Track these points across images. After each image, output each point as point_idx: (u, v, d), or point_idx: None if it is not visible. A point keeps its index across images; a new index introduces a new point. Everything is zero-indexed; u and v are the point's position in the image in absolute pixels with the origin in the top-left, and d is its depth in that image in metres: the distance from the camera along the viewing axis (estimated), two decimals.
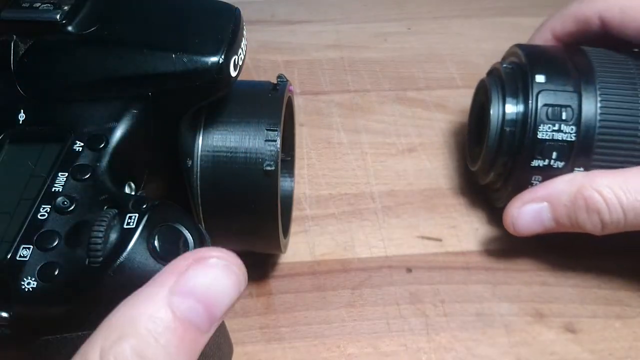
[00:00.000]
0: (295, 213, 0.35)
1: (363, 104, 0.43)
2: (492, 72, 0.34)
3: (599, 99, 0.29)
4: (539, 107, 0.30)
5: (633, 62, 0.31)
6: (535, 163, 0.30)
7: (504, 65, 0.33)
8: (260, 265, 0.33)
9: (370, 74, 0.45)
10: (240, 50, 0.26)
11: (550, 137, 0.29)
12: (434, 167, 0.38)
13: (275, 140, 0.26)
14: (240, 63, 0.26)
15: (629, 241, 0.33)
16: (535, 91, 0.30)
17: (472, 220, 0.35)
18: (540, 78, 0.30)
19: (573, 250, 0.34)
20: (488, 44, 0.46)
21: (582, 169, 0.30)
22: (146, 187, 0.25)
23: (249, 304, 0.31)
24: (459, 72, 0.44)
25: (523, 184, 0.31)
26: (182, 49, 0.24)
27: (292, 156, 0.34)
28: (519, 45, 0.33)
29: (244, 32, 0.27)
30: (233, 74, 0.25)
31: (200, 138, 0.27)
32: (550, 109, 0.29)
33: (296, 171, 0.38)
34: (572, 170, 0.30)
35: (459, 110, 0.41)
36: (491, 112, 0.31)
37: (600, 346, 0.30)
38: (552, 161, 0.30)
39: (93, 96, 0.24)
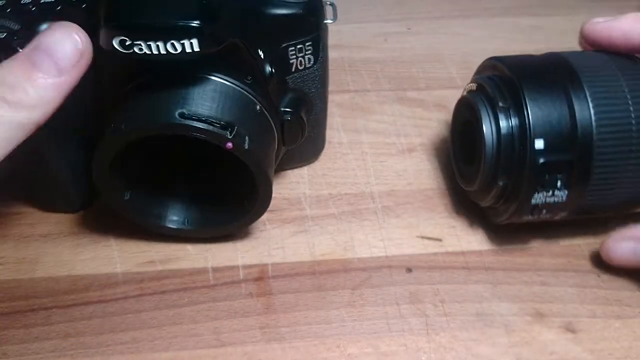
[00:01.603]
0: (295, 213, 0.35)
1: (363, 104, 0.43)
2: (476, 88, 0.33)
3: (591, 105, 0.29)
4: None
5: (613, 62, 0.31)
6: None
7: (486, 80, 0.32)
8: (260, 265, 0.33)
9: (370, 74, 0.45)
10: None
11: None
12: (434, 167, 0.38)
13: None
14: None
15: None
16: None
17: (472, 220, 0.35)
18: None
19: (573, 250, 0.34)
20: (488, 44, 0.46)
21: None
22: None
23: (249, 304, 0.31)
24: (459, 72, 0.44)
25: (524, 211, 0.31)
26: None
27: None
28: (499, 59, 0.32)
29: None
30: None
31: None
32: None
33: (296, 171, 0.38)
34: (568, 190, 0.29)
35: None
36: (484, 130, 0.30)
37: (599, 346, 0.30)
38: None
39: None
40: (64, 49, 0.25)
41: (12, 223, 0.35)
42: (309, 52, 0.32)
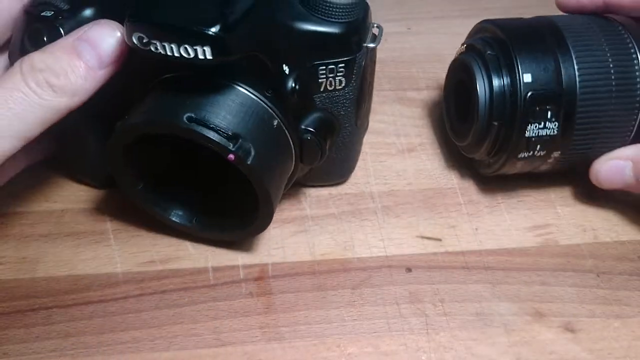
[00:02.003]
0: (295, 213, 0.35)
1: None
2: (466, 49, 0.36)
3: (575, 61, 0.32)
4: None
5: (590, 19, 0.34)
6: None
7: (477, 40, 0.35)
8: (260, 265, 0.33)
9: None
10: None
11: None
12: (434, 167, 0.38)
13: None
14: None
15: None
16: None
17: (472, 220, 0.35)
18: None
19: (572, 250, 0.34)
20: None
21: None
22: None
23: (249, 304, 0.31)
24: None
25: (520, 147, 0.32)
26: None
27: None
28: (490, 21, 0.35)
29: None
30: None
31: None
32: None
33: None
34: (558, 122, 0.32)
35: None
36: (477, 87, 0.33)
37: (599, 346, 0.30)
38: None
39: None
40: (108, 44, 0.27)
41: (12, 223, 0.35)
42: (341, 74, 0.30)
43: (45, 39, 0.28)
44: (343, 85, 0.31)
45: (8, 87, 0.25)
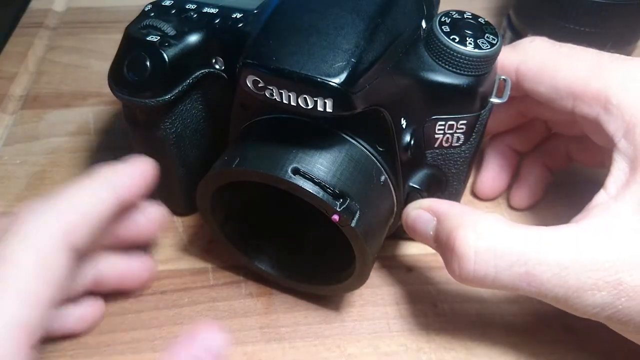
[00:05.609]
0: None
1: None
2: None
3: None
4: None
5: None
6: None
7: None
8: None
9: None
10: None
11: None
12: None
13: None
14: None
15: None
16: None
17: None
18: None
19: None
20: None
21: None
22: None
23: (249, 304, 0.31)
24: None
25: None
26: None
27: None
28: None
29: None
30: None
31: None
32: None
33: None
34: None
35: None
36: None
37: (600, 346, 0.30)
38: None
39: None
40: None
41: None
42: (461, 131, 0.28)
43: (148, 64, 0.26)
44: (460, 142, 0.28)
45: None
